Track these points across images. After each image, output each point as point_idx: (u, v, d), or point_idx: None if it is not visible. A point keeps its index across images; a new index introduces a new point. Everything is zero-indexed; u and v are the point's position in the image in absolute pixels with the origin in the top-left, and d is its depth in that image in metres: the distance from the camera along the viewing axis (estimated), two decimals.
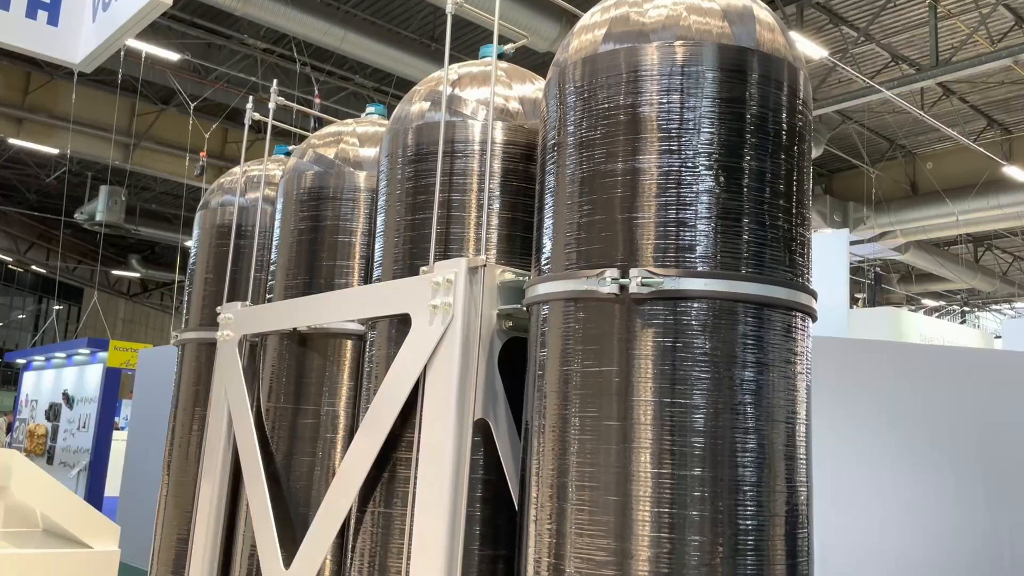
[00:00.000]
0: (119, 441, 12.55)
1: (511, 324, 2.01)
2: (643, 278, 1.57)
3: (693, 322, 1.57)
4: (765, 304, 1.60)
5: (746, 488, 1.52)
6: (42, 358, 15.60)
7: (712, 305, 1.57)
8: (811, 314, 1.71)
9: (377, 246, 2.33)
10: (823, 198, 16.72)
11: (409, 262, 2.18)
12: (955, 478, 7.41)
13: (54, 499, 5.01)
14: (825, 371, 7.40)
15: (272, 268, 2.74)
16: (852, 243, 16.19)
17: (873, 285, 19.42)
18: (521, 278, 1.99)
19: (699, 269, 1.58)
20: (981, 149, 13.46)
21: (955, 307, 25.03)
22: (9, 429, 16.72)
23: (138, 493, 10.26)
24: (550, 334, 1.72)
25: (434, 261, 2.06)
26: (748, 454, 1.54)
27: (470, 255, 2.06)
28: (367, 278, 2.55)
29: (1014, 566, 7.31)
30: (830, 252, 9.47)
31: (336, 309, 2.36)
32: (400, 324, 2.14)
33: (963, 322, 24.49)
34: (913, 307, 22.29)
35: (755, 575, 1.50)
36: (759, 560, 1.51)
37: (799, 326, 1.66)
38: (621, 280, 1.59)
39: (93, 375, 13.15)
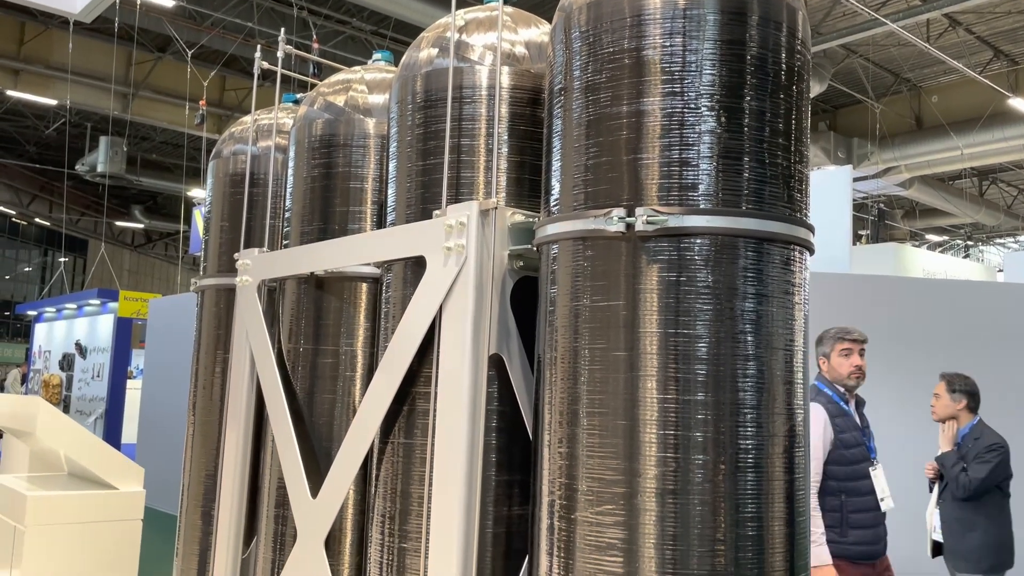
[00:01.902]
0: (133, 390, 12.79)
1: (522, 264, 2.10)
2: (648, 216, 1.65)
3: (696, 257, 1.66)
4: (764, 239, 1.69)
5: (746, 411, 1.63)
6: (53, 309, 15.79)
7: (714, 241, 1.66)
8: (809, 248, 1.79)
9: (390, 192, 2.41)
10: (827, 134, 16.63)
11: (422, 206, 2.26)
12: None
13: (78, 443, 5.19)
14: (827, 306, 7.51)
15: (287, 215, 2.82)
16: (856, 179, 16.16)
17: (876, 221, 19.43)
18: (531, 219, 2.08)
19: (701, 206, 1.66)
20: (987, 81, 13.35)
21: (959, 242, 25.04)
22: (24, 380, 17.02)
23: (155, 439, 10.50)
24: (560, 272, 1.81)
25: (446, 205, 2.14)
26: (748, 379, 1.64)
27: (481, 198, 2.14)
28: (380, 223, 2.64)
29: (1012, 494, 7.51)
30: (833, 189, 9.50)
31: (353, 253, 2.45)
32: (415, 266, 2.23)
33: (967, 257, 24.52)
34: (917, 243, 22.32)
35: (755, 491, 1.62)
36: (759, 477, 1.62)
37: (797, 259, 1.75)
38: (627, 219, 1.67)
39: (104, 325, 13.33)
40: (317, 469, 2.52)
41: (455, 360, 2.02)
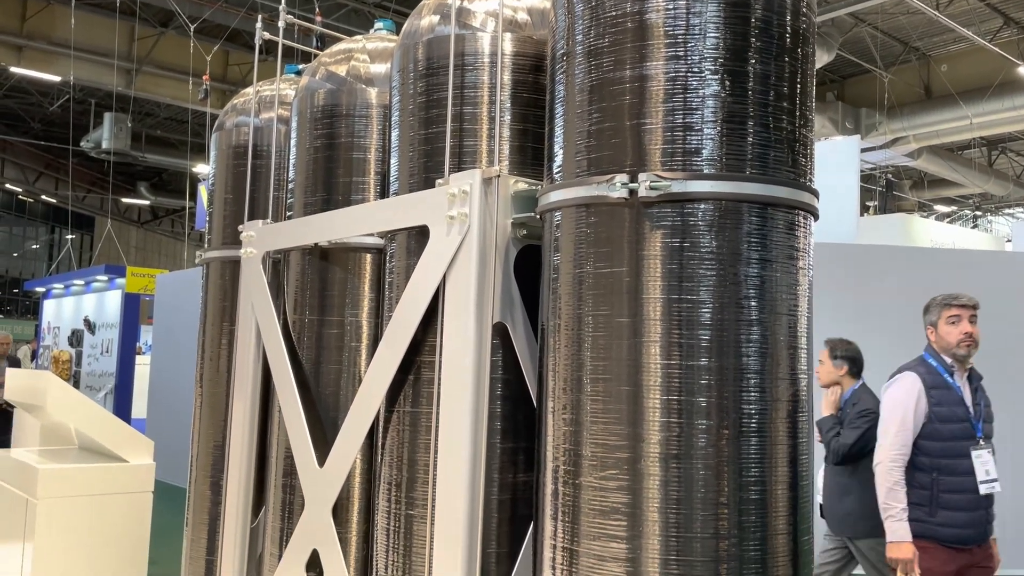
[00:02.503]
0: (142, 366, 12.86)
1: (525, 232, 2.10)
2: (651, 182, 1.65)
3: (700, 223, 1.65)
4: (768, 203, 1.68)
5: (750, 376, 1.63)
6: (61, 286, 15.85)
7: (718, 206, 1.65)
8: (814, 213, 1.78)
9: (392, 161, 2.40)
10: (835, 105, 16.47)
11: (424, 175, 2.26)
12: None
13: (88, 416, 5.22)
14: (834, 277, 7.49)
15: (290, 186, 2.81)
16: (864, 150, 16.03)
17: (884, 192, 19.31)
18: (534, 187, 2.07)
19: (705, 171, 1.65)
20: (997, 50, 13.19)
21: (967, 212, 24.89)
22: (34, 356, 17.13)
23: (164, 414, 10.57)
24: (563, 239, 1.80)
25: (449, 174, 2.13)
26: (752, 345, 1.64)
27: (484, 167, 2.13)
28: (383, 193, 2.63)
29: (1015, 465, 7.53)
30: (840, 159, 9.43)
31: (356, 223, 2.45)
32: (418, 236, 2.23)
33: (975, 227, 24.39)
34: (925, 213, 22.19)
35: (758, 455, 1.62)
36: (762, 441, 1.63)
37: (801, 224, 1.74)
38: (630, 185, 1.67)
39: (112, 301, 13.39)
40: (324, 438, 2.53)
41: (459, 329, 2.03)
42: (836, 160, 9.26)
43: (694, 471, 1.59)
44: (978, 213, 25.36)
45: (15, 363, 10.30)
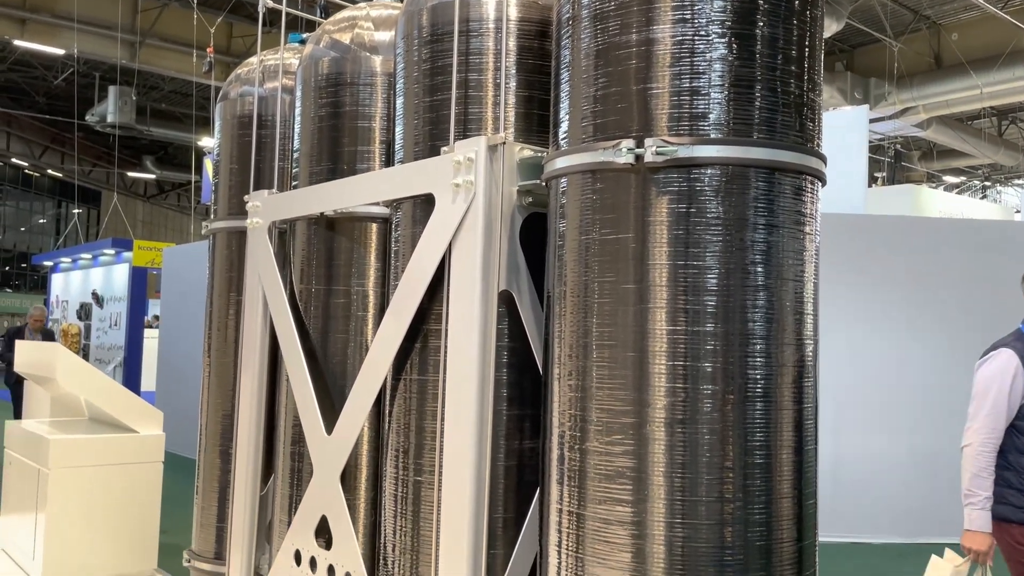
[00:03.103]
0: (151, 339, 12.94)
1: (531, 200, 2.09)
2: (657, 147, 1.64)
3: (706, 188, 1.64)
4: (776, 168, 1.67)
5: (755, 341, 1.63)
6: (69, 260, 15.91)
7: (724, 171, 1.64)
8: (821, 178, 1.77)
9: (397, 130, 2.39)
10: (844, 75, 16.31)
11: (429, 143, 2.25)
12: (966, 349, 7.56)
13: (98, 388, 5.27)
14: (842, 248, 7.46)
15: (295, 156, 2.81)
16: (873, 120, 15.89)
17: (893, 163, 19.17)
18: (539, 155, 2.06)
19: (712, 136, 1.64)
20: (1008, 18, 13.01)
21: (976, 182, 24.71)
22: None
23: (173, 387, 10.65)
24: (569, 206, 1.80)
25: (454, 141, 2.12)
26: (758, 310, 1.64)
27: (489, 134, 2.12)
28: (389, 162, 2.63)
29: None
30: (849, 129, 9.36)
31: (361, 192, 2.44)
32: (424, 204, 2.23)
33: (984, 198, 24.22)
34: (933, 184, 22.04)
35: (763, 420, 1.63)
36: (767, 406, 1.63)
37: (808, 189, 1.73)
38: (636, 150, 1.66)
39: (120, 274, 13.44)
40: (332, 407, 2.55)
41: (465, 297, 2.03)
42: (845, 130, 9.19)
43: (699, 436, 1.60)
44: (987, 184, 25.18)
45: (49, 337, 10.32)
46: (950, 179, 24.01)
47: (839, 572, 6.38)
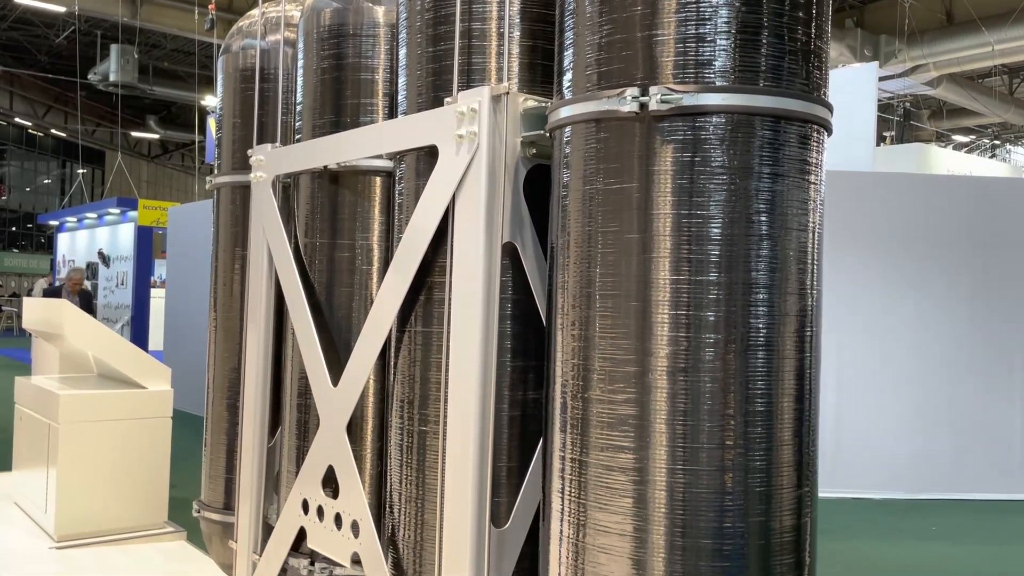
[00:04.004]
0: (157, 298, 13.01)
1: (535, 151, 2.09)
2: (662, 95, 1.62)
3: (711, 136, 1.63)
4: (781, 116, 1.66)
5: (758, 290, 1.63)
6: (74, 219, 15.94)
7: (729, 119, 1.63)
8: (827, 127, 1.76)
9: (400, 81, 2.37)
10: (853, 31, 16.09)
11: (432, 95, 2.23)
12: (970, 305, 7.57)
13: (107, 345, 5.32)
14: (849, 206, 7.42)
15: (298, 109, 2.79)
16: (882, 78, 15.69)
17: (902, 122, 18.98)
18: (543, 105, 2.05)
19: (717, 84, 1.63)
20: None
21: (985, 141, 24.47)
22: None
23: (180, 345, 10.72)
24: (573, 156, 1.79)
25: (457, 92, 2.11)
26: (761, 259, 1.64)
27: (493, 84, 2.11)
28: (392, 115, 2.61)
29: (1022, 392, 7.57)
30: (857, 86, 9.25)
31: (364, 144, 2.43)
32: (427, 157, 2.22)
33: (992, 157, 24.01)
34: (942, 143, 21.83)
35: (765, 369, 1.64)
36: (769, 355, 1.64)
37: (814, 138, 1.72)
38: (641, 98, 1.64)
39: (125, 234, 13.47)
40: (337, 359, 2.57)
41: (469, 249, 2.03)
42: (853, 88, 9.09)
43: (701, 384, 1.61)
44: (996, 143, 24.93)
45: (87, 298, 10.30)
46: (959, 138, 23.78)
47: (841, 527, 6.46)
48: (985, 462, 7.55)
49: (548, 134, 1.93)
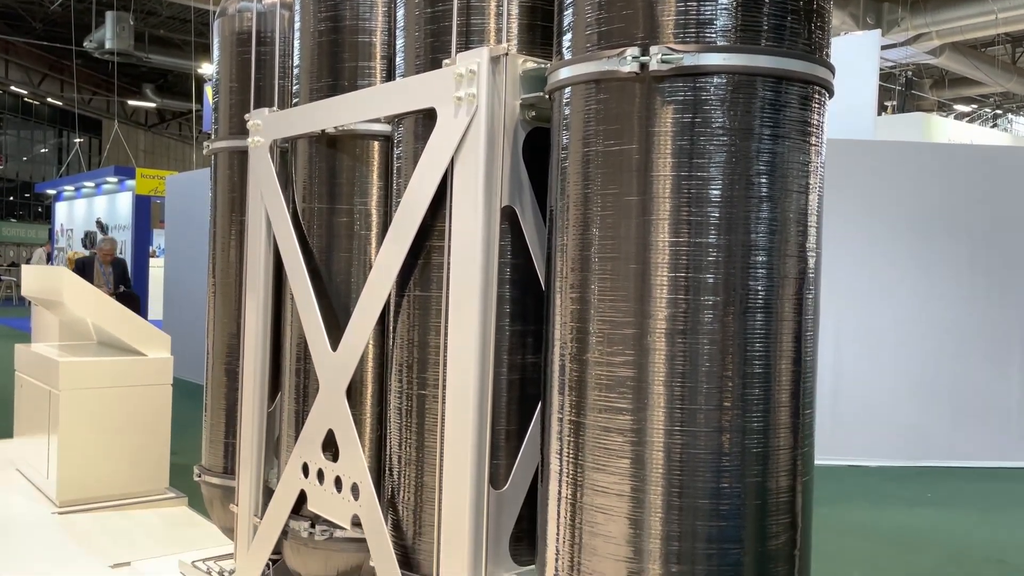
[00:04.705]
0: (156, 268, 13.00)
1: (534, 114, 2.07)
2: (663, 55, 1.61)
3: (712, 97, 1.62)
4: (783, 77, 1.64)
5: (758, 253, 1.63)
6: (72, 188, 15.87)
7: (731, 79, 1.61)
8: (828, 88, 1.74)
9: (398, 43, 2.35)
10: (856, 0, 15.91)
11: (431, 56, 2.21)
12: (970, 275, 7.57)
13: (106, 312, 5.32)
14: (849, 174, 7.40)
15: (295, 72, 2.77)
16: (884, 47, 15.57)
17: (903, 91, 18.86)
18: (543, 67, 2.03)
19: (719, 43, 1.61)
20: None
21: (987, 111, 24.33)
22: (49, 259, 17.30)
23: (180, 315, 10.72)
24: (572, 117, 1.78)
25: (456, 53, 2.08)
26: (761, 221, 1.63)
27: (492, 45, 2.09)
28: (390, 78, 2.59)
29: None
30: (859, 54, 9.18)
31: (362, 108, 2.42)
32: (425, 120, 2.21)
33: (994, 127, 23.88)
34: (944, 113, 21.71)
35: (764, 331, 1.64)
36: (768, 317, 1.64)
37: (816, 99, 1.71)
38: (641, 58, 1.63)
39: (124, 202, 13.42)
40: (336, 324, 2.58)
41: (468, 212, 2.03)
42: (855, 55, 9.01)
43: (699, 346, 1.61)
44: (998, 112, 24.79)
45: (121, 268, 10.04)
46: (961, 108, 23.63)
47: (837, 493, 6.52)
48: (982, 430, 7.60)
49: (547, 96, 1.92)
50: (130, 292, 10.02)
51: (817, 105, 1.72)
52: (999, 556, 5.22)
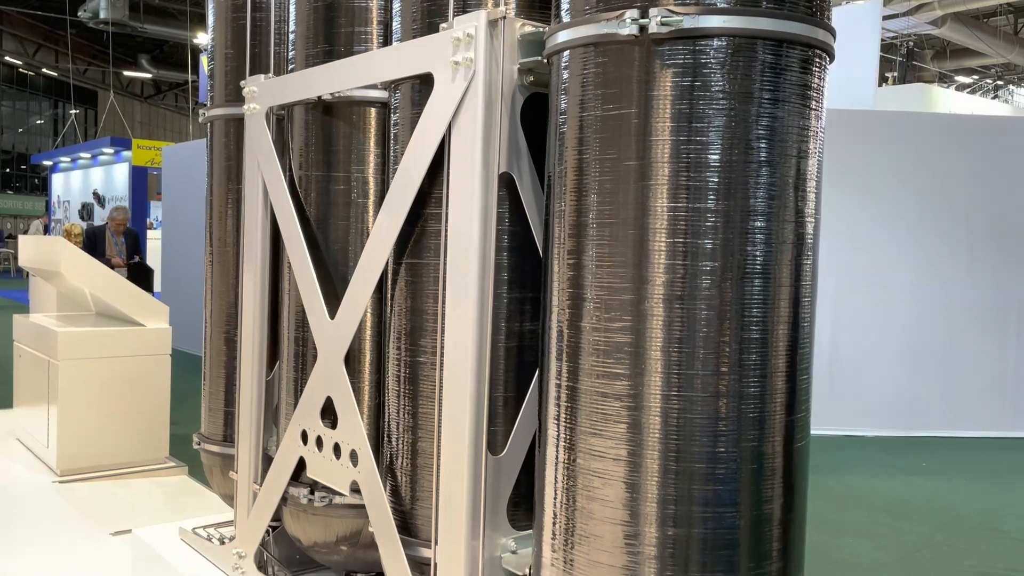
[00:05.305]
0: (153, 240, 12.97)
1: (532, 79, 2.05)
2: (663, 17, 1.59)
3: (711, 61, 1.60)
4: (783, 40, 1.62)
5: (756, 218, 1.62)
6: (68, 159, 15.78)
7: (731, 42, 1.60)
8: (829, 52, 1.73)
9: (394, 8, 2.33)
10: None
11: (427, 21, 2.19)
12: (968, 245, 7.57)
13: (104, 282, 5.32)
14: (849, 144, 7.36)
15: (291, 38, 2.74)
16: (886, 17, 15.42)
17: (904, 62, 18.73)
18: (541, 31, 2.01)
19: (719, 5, 1.59)
20: None
21: (988, 82, 24.18)
22: (46, 231, 17.25)
23: (178, 287, 10.71)
24: (571, 82, 1.76)
25: (453, 16, 2.06)
26: (760, 186, 1.62)
27: (489, 8, 2.06)
28: (387, 43, 2.56)
29: (1020, 330, 7.62)
30: (860, 24, 9.10)
31: (359, 73, 2.39)
32: (422, 85, 2.19)
33: (995, 98, 23.75)
34: (945, 84, 21.57)
35: (761, 296, 1.64)
36: (766, 283, 1.64)
37: (816, 63, 1.69)
38: (640, 21, 1.61)
39: (120, 174, 13.35)
40: (334, 292, 2.57)
41: (465, 179, 2.01)
42: (856, 26, 8.94)
43: (697, 311, 1.61)
44: (999, 83, 24.64)
45: (133, 239, 9.68)
46: (962, 79, 23.48)
47: (832, 462, 6.57)
48: (977, 401, 7.64)
49: (546, 60, 1.90)
50: (143, 263, 9.78)
51: (818, 69, 1.70)
52: (993, 524, 5.27)
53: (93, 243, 9.26)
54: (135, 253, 9.49)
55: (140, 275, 9.30)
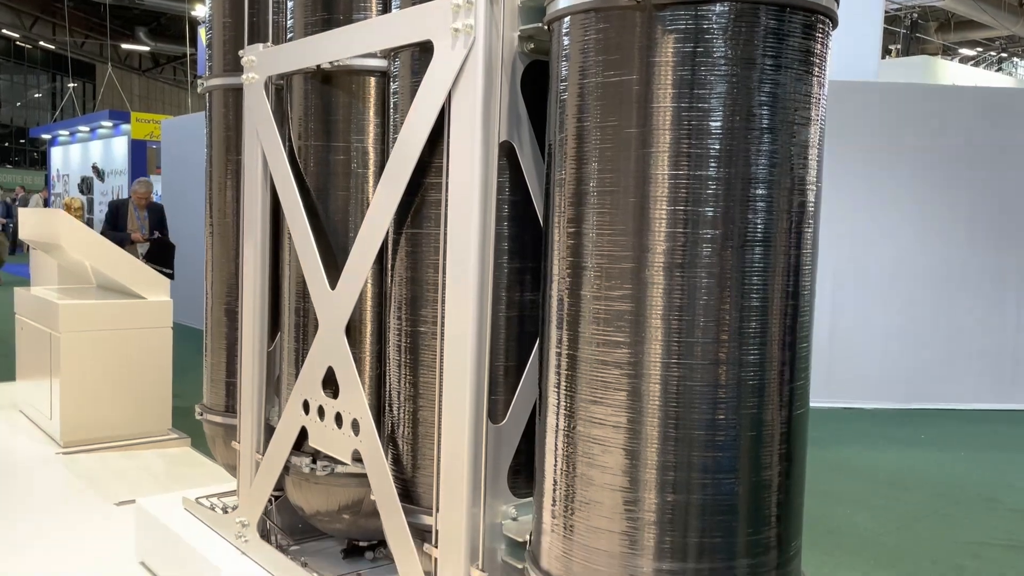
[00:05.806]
0: None
1: (532, 47, 2.04)
2: None
3: (714, 26, 1.59)
4: (786, 5, 1.61)
5: (757, 185, 1.62)
6: (66, 132, 15.71)
7: (733, 7, 1.58)
8: (832, 17, 1.71)
9: None
10: None
11: None
12: (969, 218, 7.55)
13: (105, 255, 5.31)
14: (852, 116, 7.32)
15: (290, 6, 2.71)
16: None
17: (908, 34, 18.56)
18: None
19: None
20: None
21: (991, 55, 23.99)
22: (46, 204, 17.22)
23: (179, 260, 10.69)
24: (571, 48, 1.75)
25: None
26: (761, 154, 1.62)
27: None
28: (386, 11, 2.54)
29: (1020, 303, 7.63)
30: None
31: (357, 41, 2.37)
32: (422, 53, 2.17)
33: (999, 71, 23.57)
34: (949, 57, 21.40)
35: (762, 264, 1.64)
36: (766, 251, 1.64)
37: (819, 28, 1.68)
38: None
39: (119, 147, 13.29)
40: (335, 263, 2.57)
41: (465, 147, 2.00)
42: None
43: (697, 279, 1.61)
44: (1003, 56, 24.44)
45: (157, 212, 9.23)
46: (966, 51, 23.29)
47: (831, 435, 6.60)
48: (976, 373, 7.66)
49: (546, 27, 1.88)
50: (165, 239, 9.27)
51: (820, 35, 1.69)
52: (990, 495, 5.31)
53: (116, 216, 8.85)
54: (157, 228, 9.06)
55: (161, 251, 8.96)
